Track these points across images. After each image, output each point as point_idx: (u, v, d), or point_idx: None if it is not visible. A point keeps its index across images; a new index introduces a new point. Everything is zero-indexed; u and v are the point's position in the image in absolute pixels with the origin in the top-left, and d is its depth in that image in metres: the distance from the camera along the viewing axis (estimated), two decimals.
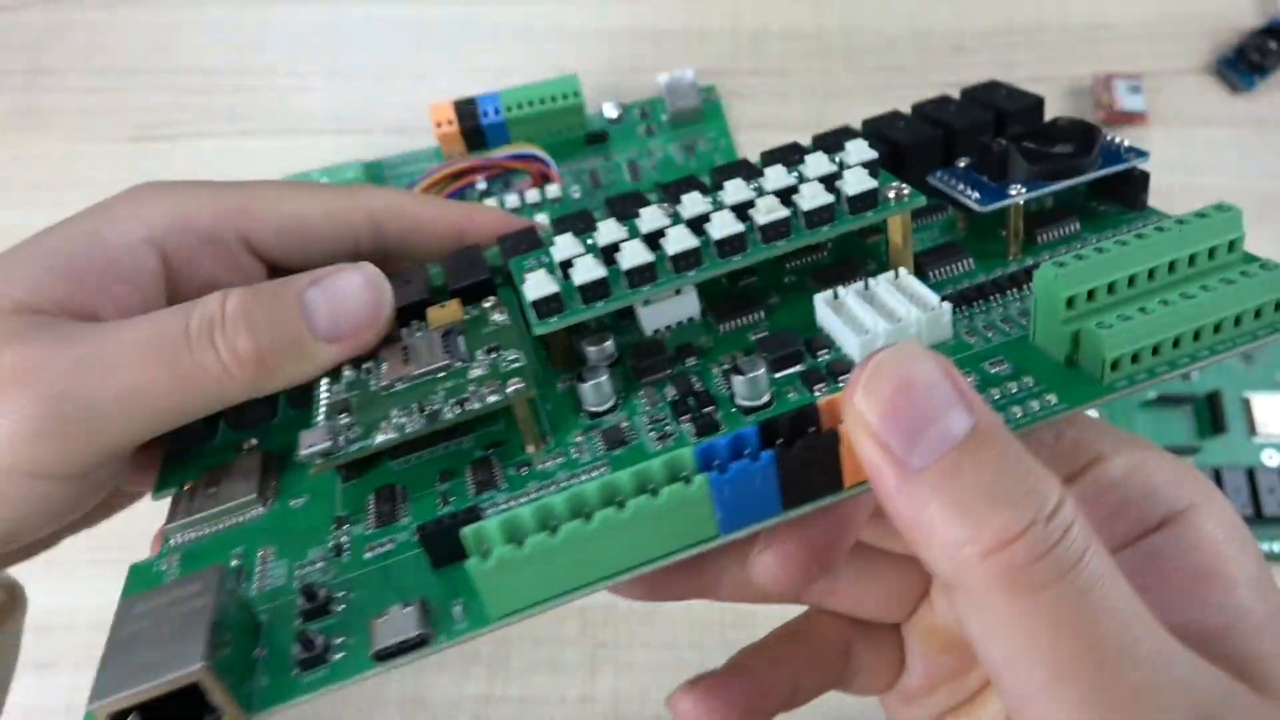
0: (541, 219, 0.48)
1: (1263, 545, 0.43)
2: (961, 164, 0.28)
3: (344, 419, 0.23)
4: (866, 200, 0.25)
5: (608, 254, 0.25)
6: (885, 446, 0.17)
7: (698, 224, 0.25)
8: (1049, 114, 0.30)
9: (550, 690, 0.44)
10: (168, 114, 0.56)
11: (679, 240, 0.24)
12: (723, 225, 0.24)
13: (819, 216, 0.25)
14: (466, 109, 0.51)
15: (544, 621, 0.45)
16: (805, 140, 0.30)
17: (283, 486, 0.25)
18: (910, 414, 0.17)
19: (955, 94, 0.32)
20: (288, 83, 0.57)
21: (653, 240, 0.25)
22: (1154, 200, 0.28)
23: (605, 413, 0.25)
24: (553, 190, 0.49)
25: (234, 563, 0.23)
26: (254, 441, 0.27)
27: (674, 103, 0.53)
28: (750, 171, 0.28)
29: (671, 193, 0.29)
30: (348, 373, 0.25)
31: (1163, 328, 0.22)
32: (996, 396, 0.22)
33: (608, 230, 0.26)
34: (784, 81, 0.56)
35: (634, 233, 0.26)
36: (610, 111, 0.54)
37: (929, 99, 0.31)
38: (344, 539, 0.23)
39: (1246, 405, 0.46)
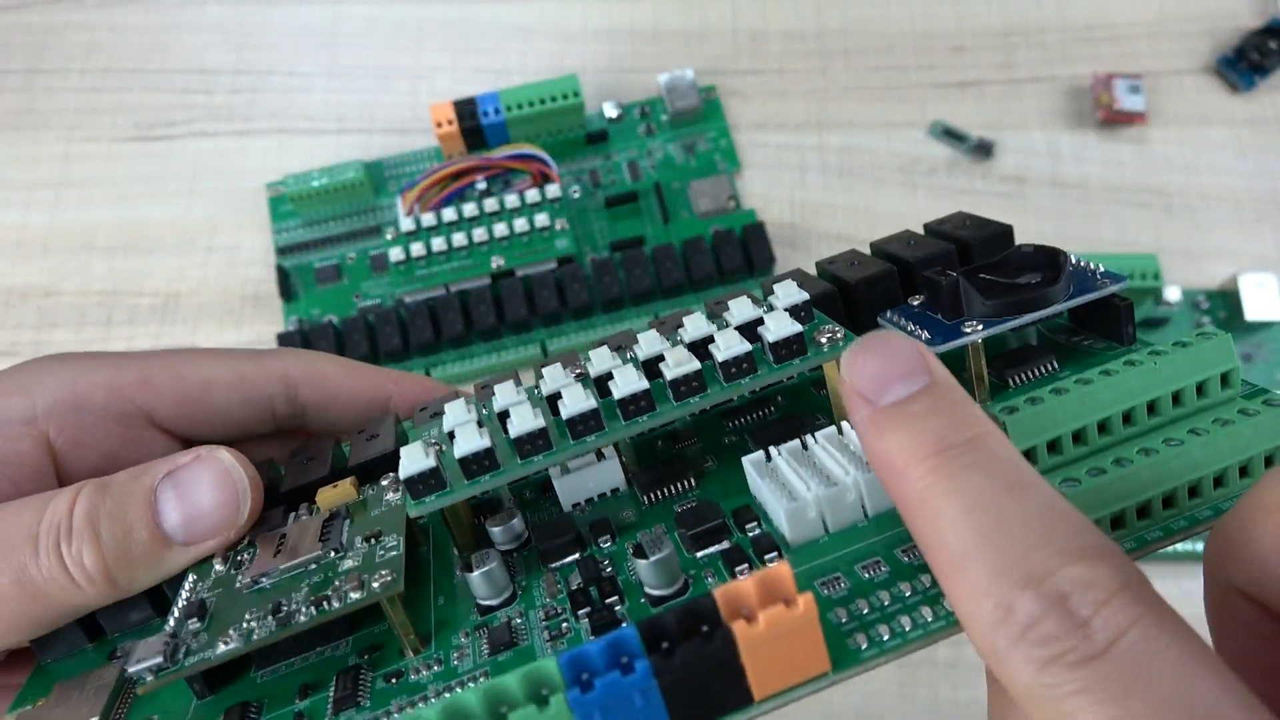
0: (542, 219, 0.48)
1: None
2: (915, 302, 0.25)
3: (193, 624, 0.21)
4: (791, 347, 0.22)
5: (503, 419, 0.23)
6: (860, 392, 0.18)
7: (603, 381, 0.23)
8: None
9: None
10: (168, 114, 0.56)
11: (575, 401, 0.21)
12: (626, 383, 0.21)
13: (738, 368, 0.22)
14: (466, 109, 0.51)
15: None
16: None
17: (134, 708, 0.22)
18: (884, 369, 0.18)
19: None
20: (288, 83, 0.57)
21: (552, 402, 0.23)
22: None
23: (501, 605, 0.22)
24: (553, 190, 0.49)
25: None
26: (127, 649, 0.24)
27: (674, 103, 0.53)
28: (670, 321, 0.26)
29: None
30: (217, 566, 0.23)
31: (1147, 484, 0.18)
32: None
33: (503, 394, 0.23)
34: (784, 81, 0.56)
35: (533, 393, 0.24)
36: (610, 111, 0.54)
37: (891, 235, 0.28)
38: None
39: None
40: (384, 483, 0.24)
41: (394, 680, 0.21)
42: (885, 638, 0.18)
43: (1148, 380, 0.19)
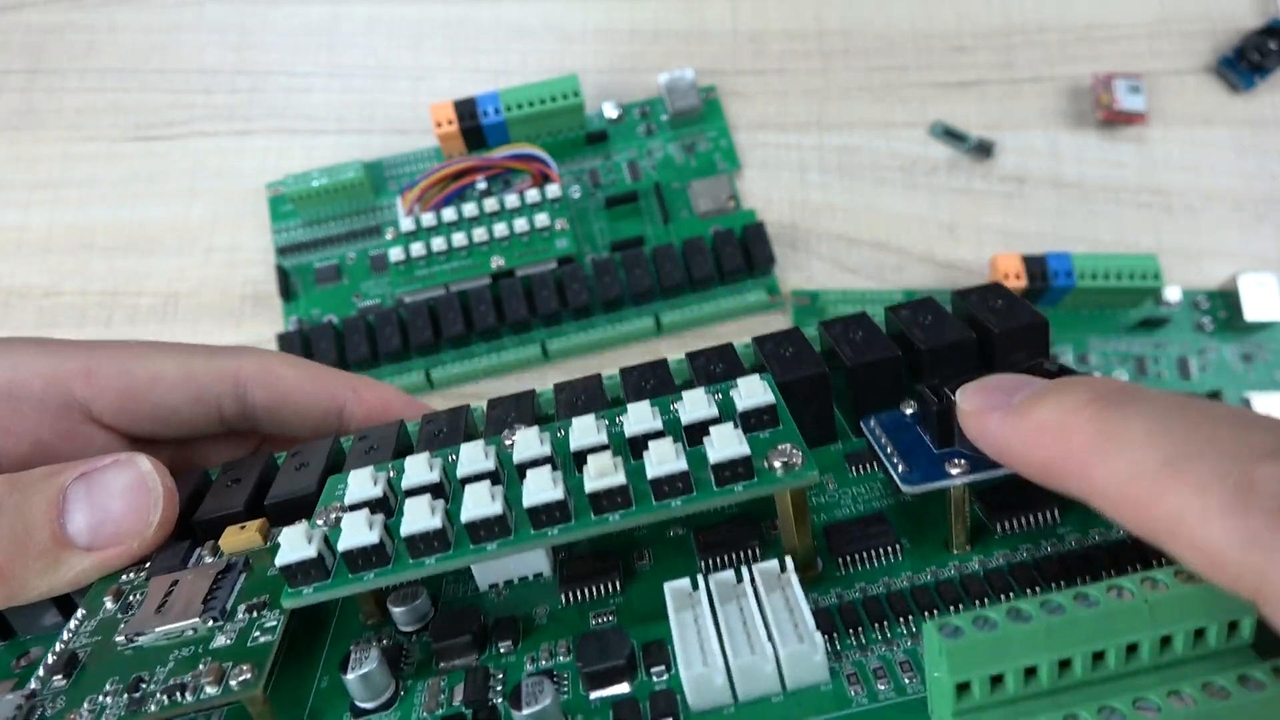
0: (542, 219, 0.48)
1: None
2: (907, 411, 0.22)
3: (58, 682, 0.20)
4: (736, 469, 0.19)
5: (410, 496, 0.21)
6: (989, 406, 0.19)
7: (523, 472, 0.21)
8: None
9: None
10: (168, 114, 0.56)
11: (478, 504, 0.19)
12: (537, 489, 0.19)
13: (670, 487, 0.19)
14: (466, 109, 0.51)
15: None
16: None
17: None
18: (1008, 383, 0.19)
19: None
20: (288, 83, 0.57)
21: (466, 485, 0.21)
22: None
23: (377, 709, 0.20)
24: (553, 190, 0.49)
25: None
26: (34, 655, 0.24)
27: (674, 103, 0.53)
28: (649, 383, 0.24)
29: (517, 415, 0.24)
30: (109, 604, 0.22)
31: None
32: None
33: (414, 469, 0.21)
34: (784, 81, 0.56)
35: (451, 474, 0.21)
36: (610, 111, 0.54)
37: (911, 302, 0.25)
38: None
39: (1246, 405, 0.46)
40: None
41: None
42: None
43: (1133, 619, 0.15)
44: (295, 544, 0.19)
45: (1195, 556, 0.14)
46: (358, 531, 0.19)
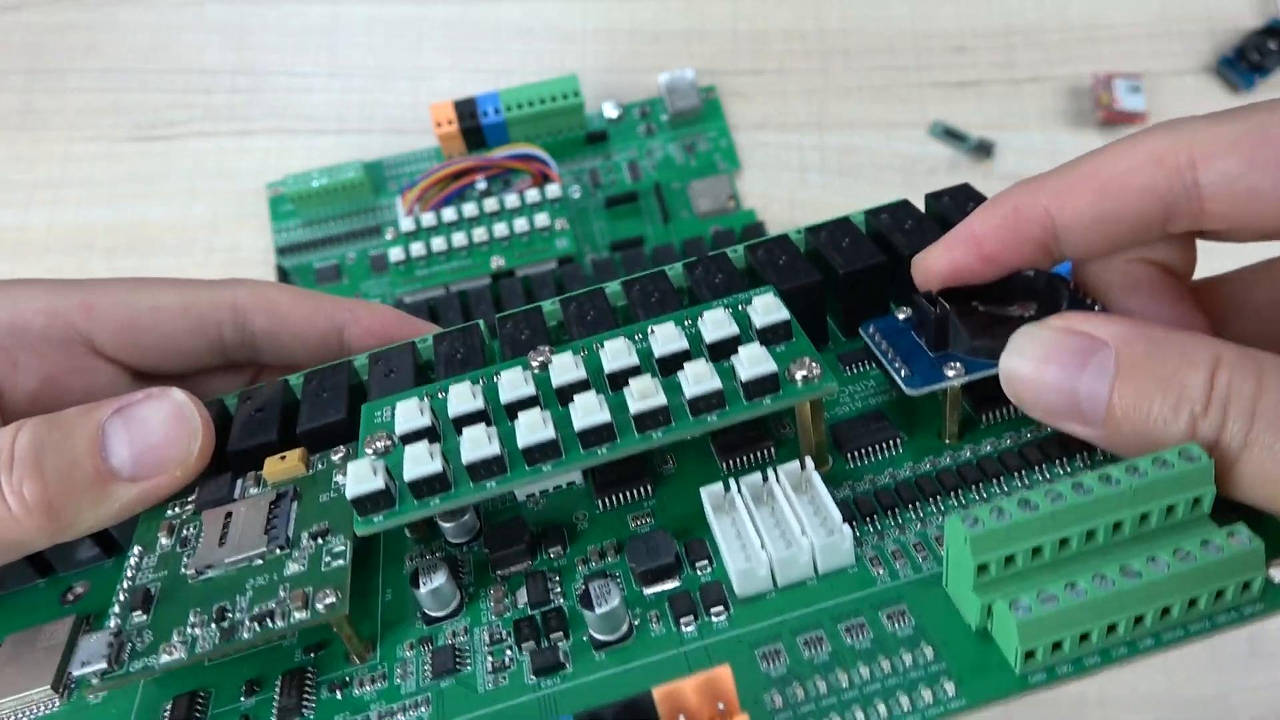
0: (542, 219, 0.48)
1: None
2: (901, 316, 0.24)
3: (138, 618, 0.21)
4: (764, 386, 0.21)
5: (459, 424, 0.22)
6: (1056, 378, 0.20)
7: (566, 394, 0.22)
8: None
9: None
10: (168, 114, 0.56)
11: (532, 429, 0.21)
12: (586, 412, 0.21)
13: (705, 404, 0.21)
14: (466, 109, 0.51)
15: None
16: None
17: (82, 681, 0.22)
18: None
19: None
20: (288, 83, 0.57)
21: (513, 411, 0.22)
22: None
23: (446, 617, 0.22)
24: (553, 190, 0.49)
25: None
26: (79, 591, 0.24)
27: (674, 103, 0.53)
28: (653, 294, 0.25)
29: (569, 311, 0.25)
30: (164, 540, 0.23)
31: (1095, 613, 0.18)
32: (885, 671, 0.19)
33: (458, 396, 0.22)
34: (784, 81, 0.56)
35: (492, 398, 0.23)
36: (610, 111, 0.54)
37: (887, 205, 0.27)
38: None
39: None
40: (335, 457, 0.24)
41: (338, 691, 0.21)
42: None
43: (1119, 499, 0.18)
44: (362, 477, 0.20)
45: None
46: (422, 462, 0.20)
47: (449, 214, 0.49)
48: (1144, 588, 0.18)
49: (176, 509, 0.23)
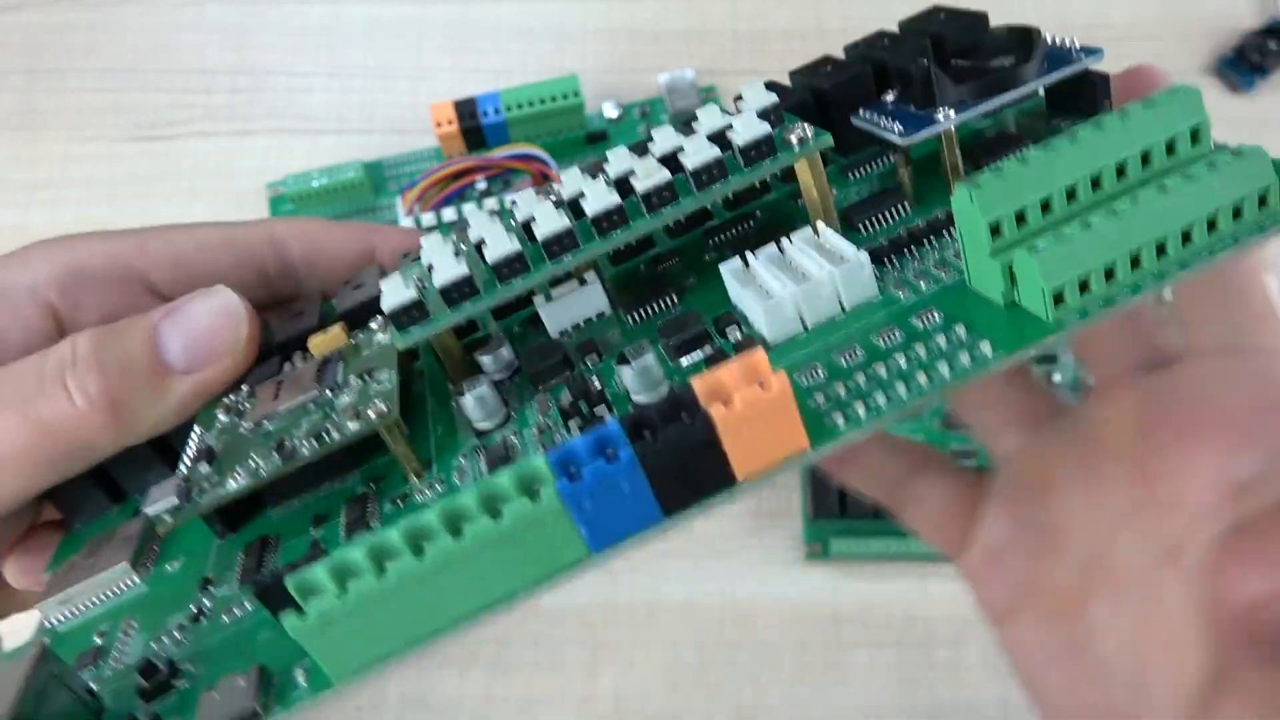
0: None
1: None
2: (888, 99, 0.24)
3: (203, 468, 0.22)
4: (761, 149, 0.21)
5: (479, 250, 0.23)
6: None
7: (576, 203, 0.22)
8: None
9: (551, 690, 0.44)
10: (168, 114, 0.56)
11: (549, 222, 0.21)
12: (597, 199, 0.21)
13: (708, 175, 0.21)
14: (466, 109, 0.51)
15: (542, 622, 0.45)
16: None
17: (163, 551, 0.24)
18: None
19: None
20: (288, 83, 0.57)
21: (527, 228, 0.23)
22: None
23: (495, 428, 0.22)
24: None
25: (97, 641, 0.21)
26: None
27: (674, 103, 0.53)
28: (640, 144, 0.26)
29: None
30: (222, 417, 0.24)
31: (1113, 244, 0.18)
32: (921, 354, 0.19)
33: (478, 224, 0.23)
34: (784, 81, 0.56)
35: (507, 220, 0.24)
36: (610, 111, 0.54)
37: (863, 38, 0.28)
38: (206, 602, 0.21)
39: None
40: (373, 326, 0.25)
41: (400, 503, 0.22)
42: (861, 413, 0.19)
43: (1114, 142, 0.18)
44: (397, 290, 0.21)
45: None
46: (449, 267, 0.21)
47: (449, 214, 0.49)
48: (1157, 214, 0.18)
49: (231, 397, 0.24)
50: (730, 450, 0.17)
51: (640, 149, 0.24)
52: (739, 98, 0.24)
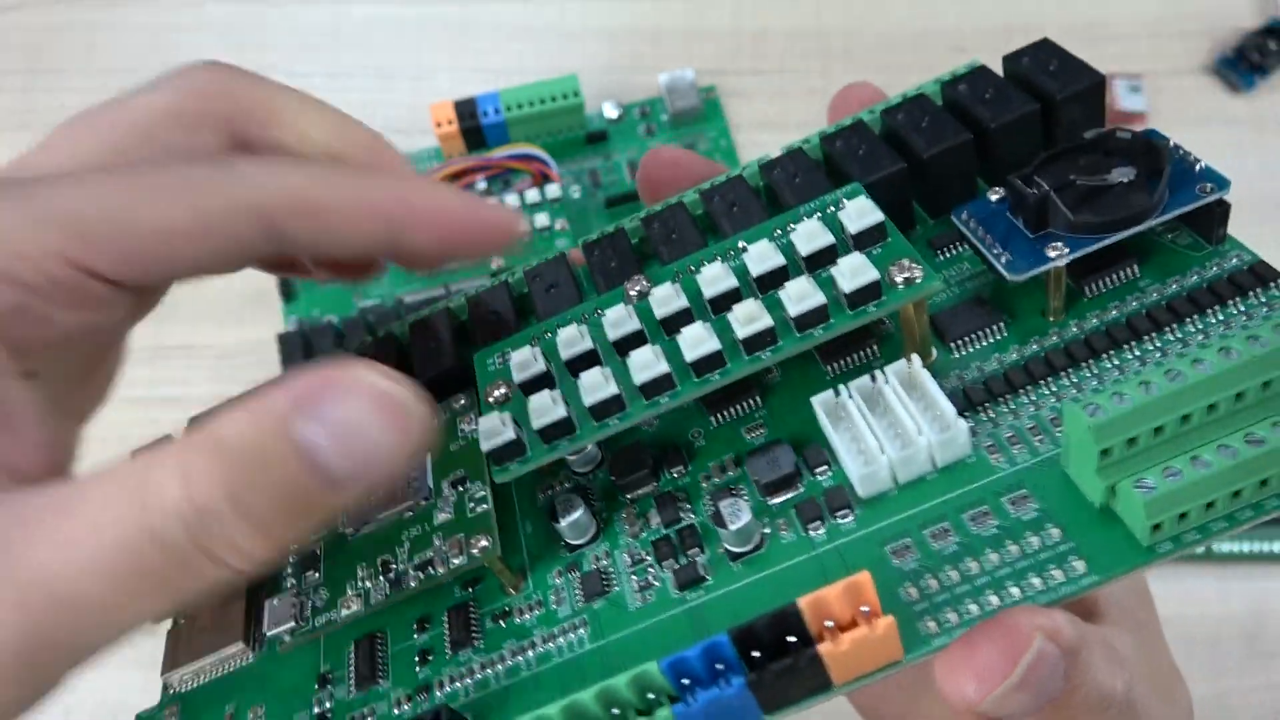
0: (542, 219, 0.48)
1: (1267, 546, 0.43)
2: (994, 198, 0.23)
3: (311, 577, 0.23)
4: (867, 294, 0.21)
5: (572, 366, 0.23)
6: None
7: (671, 325, 0.22)
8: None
9: None
10: None
11: (645, 365, 0.21)
12: (695, 343, 0.21)
13: (810, 320, 0.21)
14: (466, 109, 0.51)
15: None
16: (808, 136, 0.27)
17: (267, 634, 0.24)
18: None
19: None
20: (288, 83, 0.57)
21: (622, 347, 0.22)
22: None
23: (587, 543, 0.23)
24: (553, 190, 0.49)
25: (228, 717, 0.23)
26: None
27: (674, 103, 0.53)
28: (733, 210, 0.25)
29: (655, 234, 0.25)
30: None
31: (1220, 483, 0.18)
32: (1015, 554, 0.20)
33: (568, 340, 0.23)
34: (784, 81, 0.56)
35: (598, 336, 0.23)
36: (610, 111, 0.54)
37: (964, 73, 0.26)
38: (328, 704, 0.23)
39: None
40: (456, 406, 0.25)
41: (501, 621, 0.23)
42: (953, 623, 0.19)
43: (1242, 374, 0.18)
44: (494, 432, 0.22)
45: None
46: (546, 412, 0.22)
47: None
48: (1269, 453, 0.18)
49: None
50: (831, 668, 0.18)
51: (732, 253, 0.23)
52: (839, 205, 0.23)
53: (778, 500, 0.22)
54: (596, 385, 0.21)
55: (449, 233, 0.23)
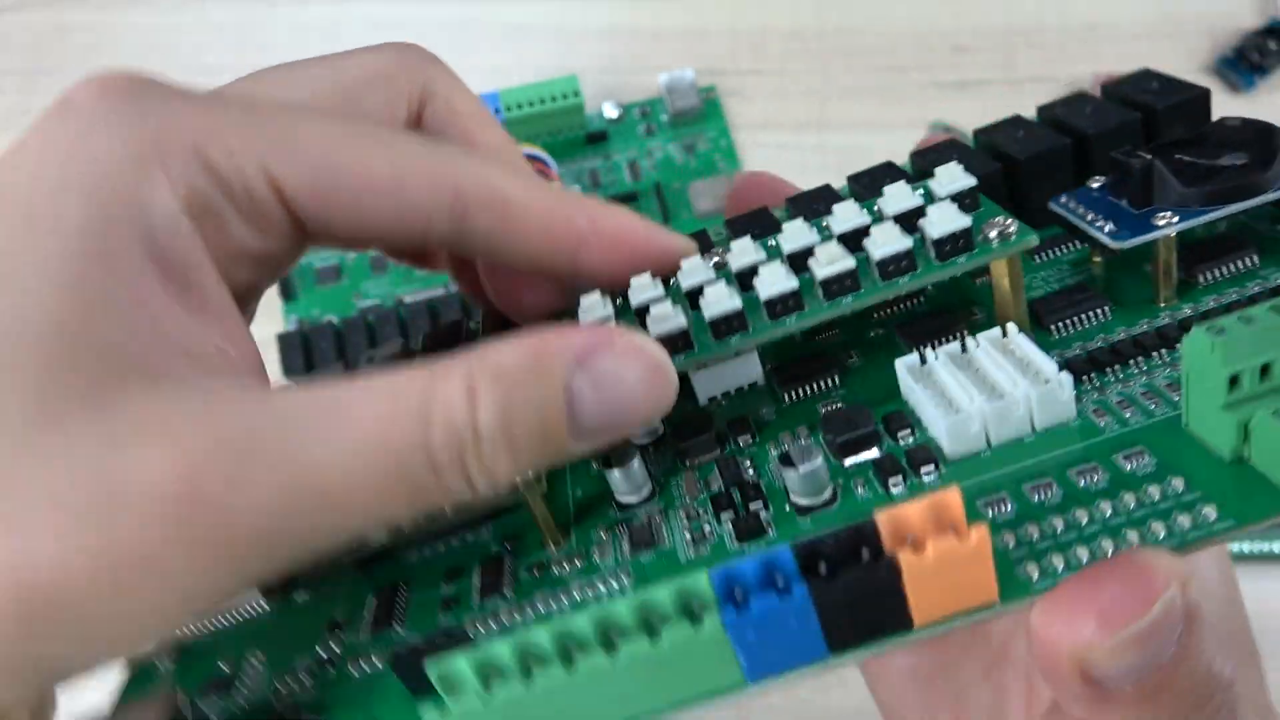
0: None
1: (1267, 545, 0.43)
2: (1094, 185, 0.22)
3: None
4: (957, 243, 0.20)
5: (640, 315, 0.21)
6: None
7: (746, 277, 0.21)
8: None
9: None
10: None
11: (718, 301, 0.20)
12: (772, 281, 0.20)
13: (895, 266, 0.20)
14: None
15: None
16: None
17: (292, 580, 0.23)
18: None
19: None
20: None
21: (692, 297, 0.21)
22: None
23: (639, 503, 0.21)
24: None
25: (224, 670, 0.21)
26: None
27: (674, 103, 0.53)
28: (819, 206, 0.24)
29: (735, 228, 0.24)
30: None
31: None
32: (1130, 505, 0.17)
33: (640, 287, 0.22)
34: (784, 81, 0.56)
35: (672, 290, 0.22)
36: (610, 111, 0.54)
37: (1060, 99, 0.25)
38: (335, 648, 0.21)
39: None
40: None
41: (537, 572, 0.21)
42: (1059, 568, 0.17)
43: None
44: (665, 316, 0.20)
45: None
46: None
47: None
48: None
49: None
50: (912, 596, 0.15)
51: (816, 212, 0.23)
52: (931, 174, 0.22)
53: (853, 460, 0.20)
54: (665, 318, 0.20)
55: (629, 255, 0.23)
